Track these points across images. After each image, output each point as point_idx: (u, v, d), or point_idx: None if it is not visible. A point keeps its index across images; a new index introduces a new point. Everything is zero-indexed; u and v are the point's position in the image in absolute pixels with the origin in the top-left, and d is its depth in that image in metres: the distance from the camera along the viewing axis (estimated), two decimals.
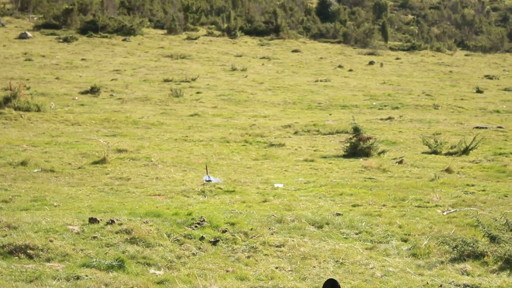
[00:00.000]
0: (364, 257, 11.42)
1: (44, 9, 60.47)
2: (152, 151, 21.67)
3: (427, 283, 10.33)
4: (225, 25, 65.47)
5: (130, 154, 20.81)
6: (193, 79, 40.13)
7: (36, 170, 17.99)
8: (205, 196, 15.71)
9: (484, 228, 12.32)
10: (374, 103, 36.09)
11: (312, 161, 21.39)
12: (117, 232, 11.66)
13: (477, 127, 29.01)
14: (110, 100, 33.15)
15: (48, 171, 17.94)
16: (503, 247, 11.62)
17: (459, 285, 10.23)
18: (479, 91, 42.57)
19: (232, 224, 12.60)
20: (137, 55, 49.85)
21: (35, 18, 58.10)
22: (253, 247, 11.64)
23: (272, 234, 12.31)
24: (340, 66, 52.07)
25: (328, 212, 13.91)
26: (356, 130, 23.05)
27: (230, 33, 63.60)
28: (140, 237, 11.46)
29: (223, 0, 77.01)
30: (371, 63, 55.39)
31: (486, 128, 28.98)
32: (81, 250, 10.91)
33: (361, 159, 21.52)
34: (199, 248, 11.45)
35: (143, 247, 11.16)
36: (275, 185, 17.21)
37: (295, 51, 59.36)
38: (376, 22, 75.48)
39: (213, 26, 66.56)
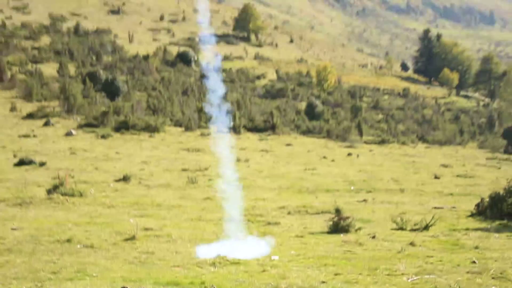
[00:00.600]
0: None
1: (85, 111, 61.11)
2: (172, 229, 21.74)
3: None
4: (232, 123, 65.94)
5: (154, 232, 20.88)
6: (206, 169, 40.28)
7: (79, 246, 18.07)
8: (215, 267, 15.79)
9: None
10: (352, 188, 36.17)
11: (302, 236, 21.45)
12: None
13: (435, 207, 29.05)
14: (139, 186, 33.29)
15: (89, 247, 18.01)
16: None
17: None
18: (436, 177, 42.72)
19: None
20: (161, 149, 50.13)
21: (78, 119, 58.66)
22: None
23: None
24: (324, 157, 52.30)
25: (315, 280, 14.00)
26: (338, 211, 23.26)
27: (235, 130, 64.07)
28: None
29: (229, 103, 77.84)
30: (349, 154, 55.65)
31: (442, 208, 29.01)
32: None
33: (341, 235, 21.57)
34: None
35: None
36: (272, 257, 17.28)
37: (288, 144, 59.70)
38: (353, 120, 76.15)
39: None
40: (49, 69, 79.50)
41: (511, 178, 29.19)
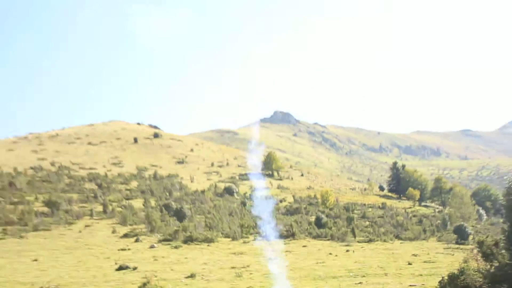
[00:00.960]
0: None
1: (163, 230, 61.27)
2: None
3: None
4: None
5: None
6: (248, 266, 40.01)
7: None
8: None
9: None
10: (351, 274, 35.66)
11: None
12: None
13: (410, 285, 28.56)
14: (202, 280, 33.13)
15: None
16: None
17: None
18: (409, 263, 41.84)
19: None
20: (216, 253, 49.93)
21: (158, 236, 58.80)
22: None
23: None
24: (330, 254, 51.60)
25: None
26: None
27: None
28: None
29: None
30: (347, 251, 54.76)
31: (415, 285, 28.52)
32: None
33: None
34: None
35: None
36: None
37: (304, 246, 58.87)
38: (348, 227, 75.30)
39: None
40: (137, 203, 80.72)
41: (461, 262, 28.85)
